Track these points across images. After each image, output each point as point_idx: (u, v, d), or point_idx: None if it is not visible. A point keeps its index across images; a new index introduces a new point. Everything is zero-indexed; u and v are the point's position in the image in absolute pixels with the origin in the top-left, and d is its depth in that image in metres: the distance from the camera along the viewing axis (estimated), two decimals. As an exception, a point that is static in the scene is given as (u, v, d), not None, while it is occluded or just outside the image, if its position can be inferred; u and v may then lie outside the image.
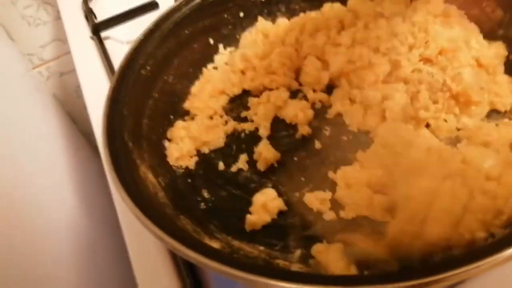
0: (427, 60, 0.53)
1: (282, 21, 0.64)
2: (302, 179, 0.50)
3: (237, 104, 0.60)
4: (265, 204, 0.47)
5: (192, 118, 0.57)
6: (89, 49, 0.78)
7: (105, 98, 0.51)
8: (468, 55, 0.52)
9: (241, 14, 0.65)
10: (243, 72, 0.60)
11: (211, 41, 0.64)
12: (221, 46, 0.64)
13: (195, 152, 0.54)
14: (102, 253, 0.75)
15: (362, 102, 0.52)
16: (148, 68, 0.56)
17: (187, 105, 0.58)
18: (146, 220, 0.39)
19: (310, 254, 0.43)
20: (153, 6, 0.76)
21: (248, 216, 0.47)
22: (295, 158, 0.52)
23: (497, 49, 0.53)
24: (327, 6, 0.62)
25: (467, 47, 0.53)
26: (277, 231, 0.46)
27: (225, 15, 0.64)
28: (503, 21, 0.54)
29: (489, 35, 0.55)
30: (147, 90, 0.55)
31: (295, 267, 0.41)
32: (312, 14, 0.62)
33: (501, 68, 0.52)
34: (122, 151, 0.47)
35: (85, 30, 0.81)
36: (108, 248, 0.74)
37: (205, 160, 0.55)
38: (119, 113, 0.50)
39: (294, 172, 0.51)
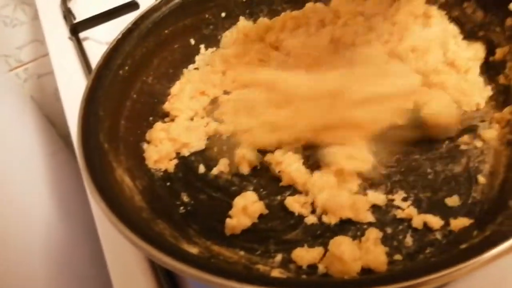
0: (397, 56, 0.53)
1: (263, 21, 0.63)
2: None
3: (219, 105, 0.58)
4: (246, 207, 0.46)
5: (172, 120, 0.56)
6: (67, 50, 0.76)
7: (81, 98, 0.49)
8: (439, 55, 0.52)
9: (223, 14, 0.64)
10: (223, 73, 0.59)
11: (192, 42, 0.63)
12: (202, 46, 0.63)
13: (174, 155, 0.53)
14: (79, 258, 0.73)
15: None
16: (126, 68, 0.54)
17: (166, 106, 0.57)
18: (120, 225, 0.37)
19: (291, 258, 0.42)
20: (133, 6, 0.75)
21: (228, 220, 0.45)
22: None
23: (476, 51, 0.53)
24: (309, 6, 0.62)
25: (442, 48, 0.53)
26: (258, 235, 0.45)
27: (206, 15, 0.63)
28: (483, 23, 0.54)
29: (470, 36, 0.55)
30: (125, 91, 0.54)
31: (276, 272, 0.40)
32: (293, 13, 0.61)
33: (476, 70, 0.52)
34: (98, 153, 0.45)
35: (64, 31, 0.79)
36: (85, 253, 0.72)
37: (185, 162, 0.53)
38: (95, 114, 0.48)
39: (276, 175, 0.50)
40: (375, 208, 0.44)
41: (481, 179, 0.44)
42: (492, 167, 0.45)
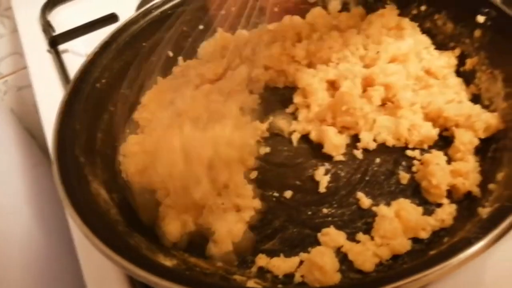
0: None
1: (241, 33, 0.64)
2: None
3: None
4: (230, 230, 0.45)
5: (142, 131, 0.56)
6: (46, 63, 0.75)
7: (57, 111, 0.49)
8: (417, 66, 0.53)
9: (201, 27, 0.65)
10: (197, 87, 0.59)
11: (171, 54, 0.63)
12: (180, 58, 0.64)
13: (151, 167, 0.53)
14: (58, 273, 0.72)
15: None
16: (104, 80, 0.54)
17: (136, 116, 0.56)
18: (94, 238, 0.37)
19: (268, 268, 0.43)
20: (112, 19, 0.75)
21: (211, 245, 0.44)
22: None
23: (449, 58, 0.54)
24: (286, 19, 0.63)
25: (417, 58, 0.54)
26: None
27: (184, 28, 0.64)
28: (454, 34, 0.56)
29: (442, 47, 0.57)
30: (102, 104, 0.54)
31: (251, 282, 0.41)
32: (271, 26, 0.62)
33: (452, 75, 0.54)
34: (73, 166, 0.45)
35: (43, 43, 0.79)
36: (64, 268, 0.71)
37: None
38: (71, 127, 0.48)
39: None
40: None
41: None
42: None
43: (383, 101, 0.52)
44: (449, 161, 0.46)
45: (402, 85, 0.52)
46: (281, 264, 0.42)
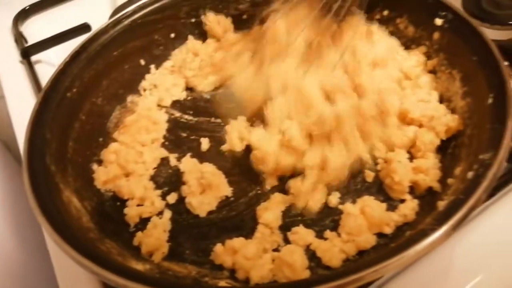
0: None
1: (212, 41, 0.65)
2: (232, 198, 0.51)
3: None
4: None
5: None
6: (18, 74, 0.76)
7: (27, 122, 0.50)
8: (396, 68, 0.55)
9: (172, 35, 0.66)
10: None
11: (142, 62, 0.64)
12: (152, 66, 0.64)
13: (123, 177, 0.53)
14: (33, 282, 0.71)
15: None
16: (75, 90, 0.55)
17: (116, 135, 0.56)
18: (63, 244, 0.38)
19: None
20: (85, 29, 0.76)
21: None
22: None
23: (417, 56, 0.56)
24: (256, 29, 0.64)
25: (393, 60, 0.56)
26: (207, 249, 0.46)
27: (156, 36, 0.64)
28: (415, 37, 0.58)
29: (405, 49, 0.59)
30: (73, 112, 0.54)
31: (223, 282, 0.41)
32: (240, 35, 0.63)
33: (424, 73, 0.55)
34: (44, 175, 0.46)
35: (15, 54, 0.79)
36: (39, 277, 0.71)
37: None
38: (41, 136, 0.49)
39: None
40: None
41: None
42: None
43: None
44: (411, 158, 0.48)
45: (390, 90, 0.52)
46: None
